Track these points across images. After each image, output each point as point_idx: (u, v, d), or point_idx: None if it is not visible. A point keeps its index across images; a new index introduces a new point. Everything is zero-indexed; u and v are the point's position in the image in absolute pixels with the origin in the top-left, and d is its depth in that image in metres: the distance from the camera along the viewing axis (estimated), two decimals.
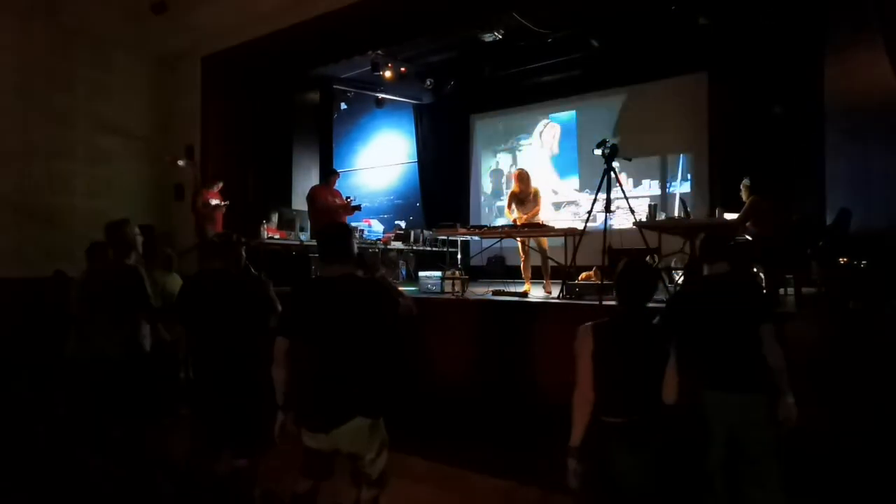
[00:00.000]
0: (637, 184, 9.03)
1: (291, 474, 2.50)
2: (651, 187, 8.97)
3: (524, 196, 6.39)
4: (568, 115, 9.94)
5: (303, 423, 2.35)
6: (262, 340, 2.93)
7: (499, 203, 10.35)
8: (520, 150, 10.49)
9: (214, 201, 7.39)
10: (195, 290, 3.00)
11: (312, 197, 6.78)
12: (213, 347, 2.89)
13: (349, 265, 2.43)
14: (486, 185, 10.94)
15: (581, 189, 9.55)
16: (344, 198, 7.02)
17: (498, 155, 10.78)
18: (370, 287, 2.45)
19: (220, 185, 7.56)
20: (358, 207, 7.08)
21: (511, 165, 10.38)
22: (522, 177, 6.46)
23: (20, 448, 3.92)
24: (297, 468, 2.43)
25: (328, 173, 7.20)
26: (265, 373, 2.91)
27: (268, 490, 1.82)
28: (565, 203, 9.82)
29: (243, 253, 3.11)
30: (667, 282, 5.31)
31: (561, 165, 9.99)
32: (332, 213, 6.58)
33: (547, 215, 8.81)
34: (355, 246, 2.51)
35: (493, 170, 10.85)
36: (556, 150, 10.08)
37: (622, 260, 2.39)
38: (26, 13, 7.59)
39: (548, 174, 10.03)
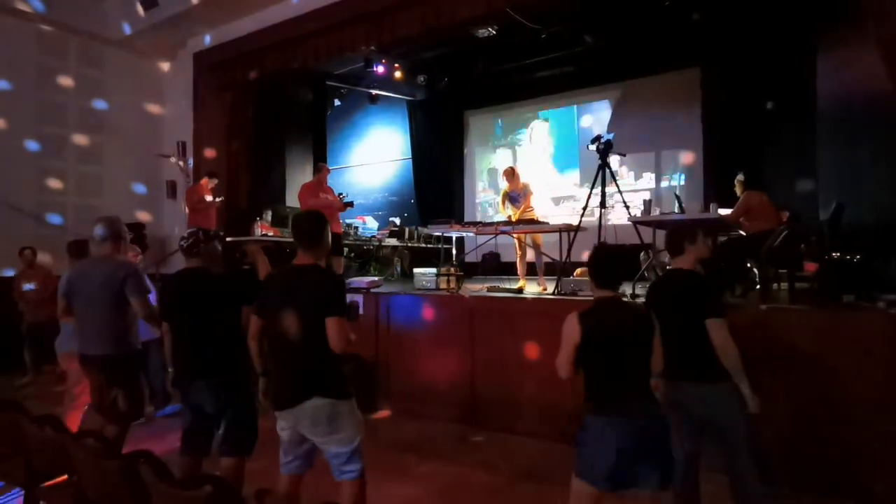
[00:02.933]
0: (638, 177, 9.05)
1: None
2: (651, 181, 8.99)
3: (515, 193, 6.43)
4: (566, 109, 9.94)
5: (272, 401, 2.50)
6: (239, 336, 2.93)
7: (497, 199, 10.35)
8: (519, 146, 10.48)
9: (209, 198, 7.35)
10: (171, 287, 3.01)
11: (302, 194, 6.74)
12: (188, 343, 2.90)
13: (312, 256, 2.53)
14: (484, 181, 10.93)
15: (581, 184, 9.54)
16: (336, 194, 6.98)
17: (497, 151, 10.77)
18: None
19: (216, 181, 7.52)
20: (350, 204, 7.05)
21: (511, 160, 10.37)
22: (511, 174, 6.49)
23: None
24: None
25: (317, 168, 7.14)
26: (246, 371, 2.91)
27: (259, 490, 1.80)
28: (564, 198, 9.82)
29: (218, 247, 3.09)
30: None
31: (560, 161, 9.98)
32: (322, 209, 6.51)
33: (545, 210, 8.81)
34: (326, 235, 2.58)
35: (490, 167, 10.84)
36: (549, 147, 10.07)
37: (594, 247, 2.52)
38: (17, 9, 7.51)
39: (546, 170, 10.03)
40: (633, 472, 2.14)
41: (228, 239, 6.64)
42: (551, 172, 10.03)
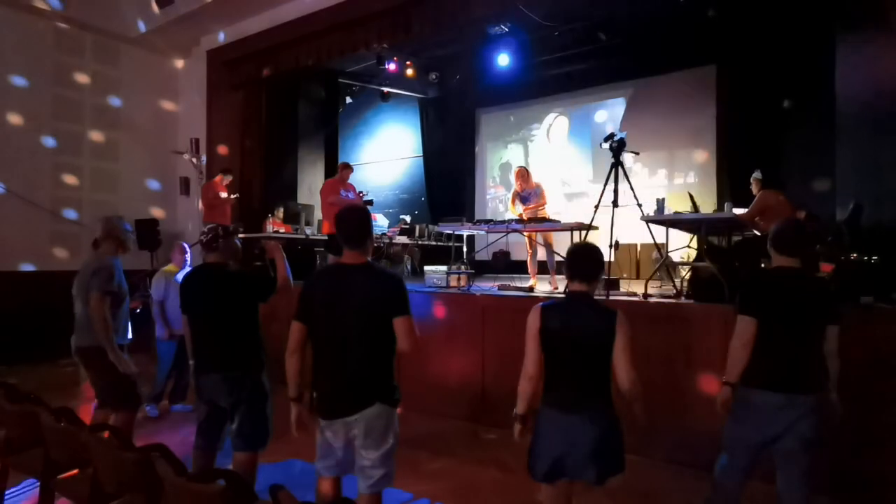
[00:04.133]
0: (651, 174, 8.98)
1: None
2: (664, 178, 8.91)
3: (526, 193, 6.42)
4: (579, 107, 9.88)
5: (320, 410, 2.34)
6: (255, 333, 2.93)
7: (507, 195, 10.31)
8: (531, 142, 10.44)
9: (224, 194, 7.41)
10: (190, 281, 3.02)
11: (323, 190, 6.88)
12: (205, 337, 2.91)
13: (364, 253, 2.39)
14: (495, 177, 10.91)
15: (594, 180, 9.49)
16: (357, 192, 7.12)
17: (509, 146, 10.74)
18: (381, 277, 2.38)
19: (230, 178, 7.58)
20: (370, 202, 7.20)
21: (524, 158, 10.34)
22: (522, 174, 6.48)
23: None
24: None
25: (341, 167, 7.25)
26: (261, 366, 2.92)
27: (273, 486, 1.81)
28: (576, 195, 9.78)
29: (237, 243, 3.09)
30: (673, 277, 5.27)
31: (573, 157, 9.93)
32: (342, 207, 6.64)
33: (557, 207, 8.78)
34: (371, 230, 2.45)
35: (502, 163, 10.82)
36: (565, 143, 10.03)
37: (572, 245, 2.51)
38: (35, 7, 7.60)
39: (559, 166, 9.99)
40: (570, 466, 2.15)
41: (241, 235, 6.71)
42: (564, 169, 9.99)
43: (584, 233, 5.61)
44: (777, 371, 2.43)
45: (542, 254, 6.50)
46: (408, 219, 9.84)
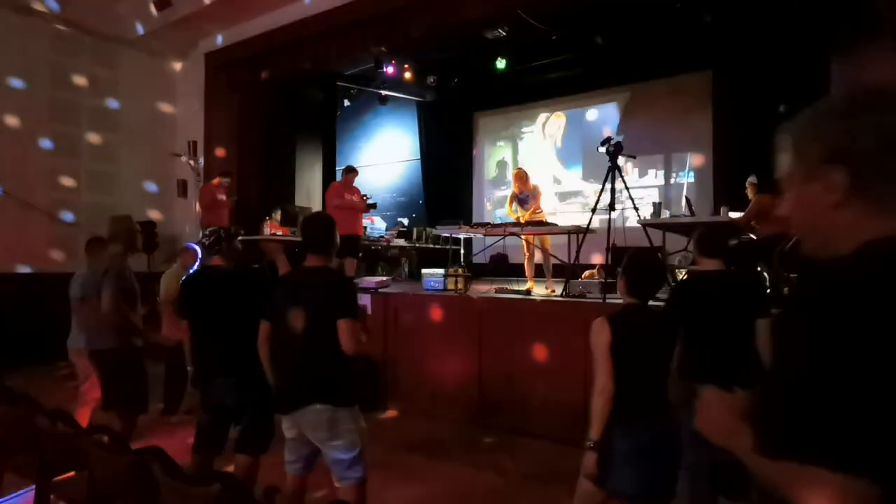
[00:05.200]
0: (642, 174, 9.01)
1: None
2: (658, 178, 8.94)
3: (524, 195, 6.45)
4: (575, 109, 9.92)
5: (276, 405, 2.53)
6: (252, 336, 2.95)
7: (501, 193, 10.33)
8: (521, 140, 10.48)
9: (222, 197, 7.40)
10: (193, 285, 3.02)
11: (329, 194, 6.95)
12: (211, 341, 2.91)
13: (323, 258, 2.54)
14: (493, 180, 10.93)
15: (586, 179, 9.51)
16: (361, 195, 7.17)
17: (506, 149, 10.77)
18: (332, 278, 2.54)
19: (228, 181, 7.58)
20: (374, 205, 7.26)
21: (521, 160, 10.35)
22: (521, 176, 6.52)
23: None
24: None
25: (346, 171, 7.28)
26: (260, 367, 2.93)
27: (269, 487, 1.81)
28: (569, 194, 9.81)
29: (239, 246, 3.09)
30: (670, 280, 5.29)
31: (565, 156, 9.97)
32: (347, 210, 6.70)
33: (551, 207, 8.81)
34: (336, 238, 2.59)
35: (499, 166, 10.86)
36: (559, 142, 10.07)
37: (628, 252, 2.42)
38: (32, 9, 7.59)
39: (551, 165, 10.03)
40: (654, 482, 2.12)
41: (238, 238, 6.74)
42: (557, 168, 10.04)
43: (580, 236, 5.63)
44: (711, 365, 2.53)
45: (538, 257, 6.51)
46: (405, 222, 9.85)
